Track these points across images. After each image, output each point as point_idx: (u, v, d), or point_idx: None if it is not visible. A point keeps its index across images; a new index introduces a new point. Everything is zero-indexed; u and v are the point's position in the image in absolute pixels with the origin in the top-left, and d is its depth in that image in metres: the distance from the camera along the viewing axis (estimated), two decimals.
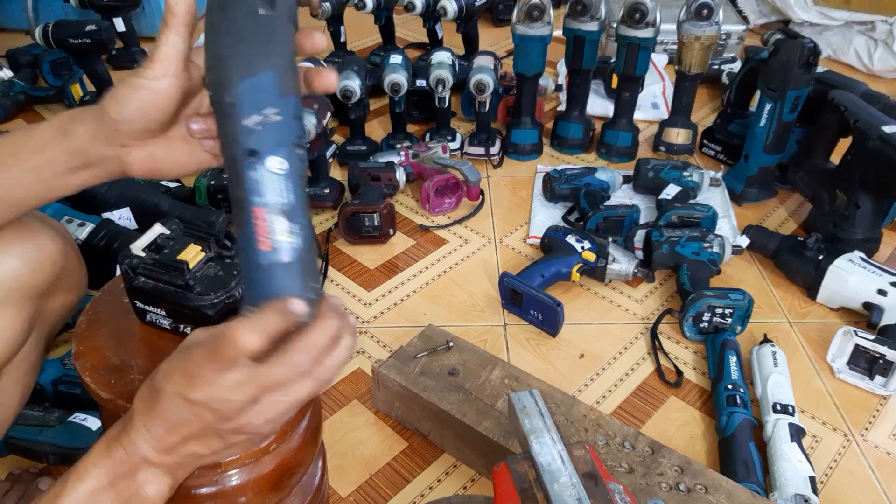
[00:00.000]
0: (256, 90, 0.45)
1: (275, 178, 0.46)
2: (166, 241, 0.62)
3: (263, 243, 0.46)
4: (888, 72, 1.89)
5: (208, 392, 0.45)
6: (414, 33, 2.16)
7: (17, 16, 2.17)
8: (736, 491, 0.82)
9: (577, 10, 1.45)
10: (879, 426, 1.00)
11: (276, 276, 0.46)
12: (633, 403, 1.04)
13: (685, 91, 1.53)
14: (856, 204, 1.22)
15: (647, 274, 1.20)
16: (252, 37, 0.46)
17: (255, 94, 0.45)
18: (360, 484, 0.93)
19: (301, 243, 0.47)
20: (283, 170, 0.46)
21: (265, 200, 0.46)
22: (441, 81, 1.48)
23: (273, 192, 0.46)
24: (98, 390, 0.58)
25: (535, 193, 1.47)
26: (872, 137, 1.16)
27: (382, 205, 1.29)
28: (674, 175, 1.38)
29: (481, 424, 0.89)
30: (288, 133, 0.46)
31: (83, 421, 0.94)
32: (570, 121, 1.59)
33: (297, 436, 0.69)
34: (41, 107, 1.83)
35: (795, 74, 1.26)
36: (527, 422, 0.66)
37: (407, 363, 0.98)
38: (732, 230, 1.34)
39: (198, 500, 0.65)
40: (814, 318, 1.18)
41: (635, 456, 0.85)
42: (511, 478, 0.61)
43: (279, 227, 0.46)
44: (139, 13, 2.09)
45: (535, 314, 1.14)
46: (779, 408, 0.96)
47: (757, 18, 2.16)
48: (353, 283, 1.26)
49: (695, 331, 1.13)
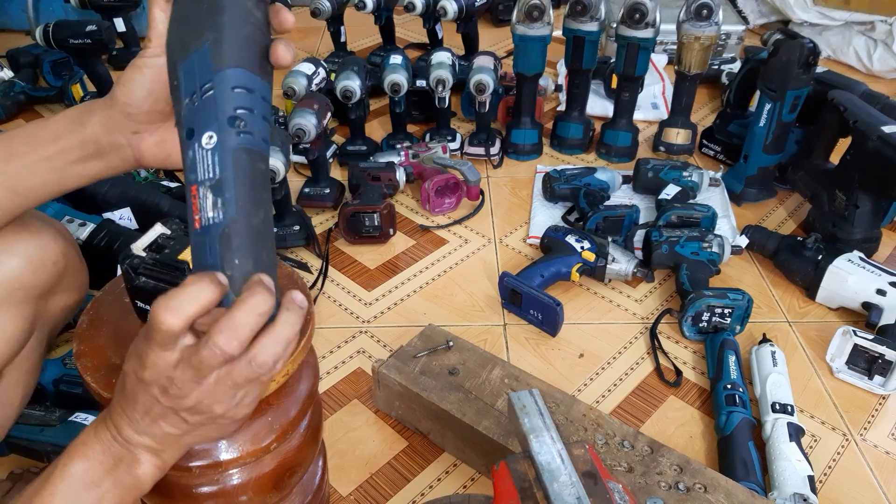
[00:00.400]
0: (190, 69, 0.46)
1: (205, 153, 0.46)
2: (167, 240, 0.62)
3: (195, 220, 0.46)
4: (888, 72, 1.89)
5: (152, 372, 0.46)
6: (414, 33, 2.17)
7: (18, 16, 2.17)
8: (735, 490, 0.82)
9: (577, 11, 1.45)
10: (878, 426, 1.01)
11: (201, 252, 0.46)
12: (632, 403, 1.04)
13: (685, 91, 1.53)
14: (855, 204, 1.22)
15: (646, 274, 1.21)
16: (190, 15, 0.47)
17: (189, 72, 0.46)
18: (361, 483, 0.93)
19: (223, 218, 0.46)
20: (212, 144, 0.46)
21: (197, 177, 0.46)
22: (441, 81, 1.48)
23: (202, 167, 0.46)
24: (99, 390, 0.58)
25: (534, 193, 1.47)
26: (872, 137, 1.16)
27: (382, 205, 1.30)
28: (673, 175, 1.38)
29: (481, 424, 0.89)
30: (222, 105, 0.46)
31: (84, 420, 0.94)
32: (570, 121, 1.59)
33: (298, 435, 0.69)
34: (41, 107, 1.83)
35: (795, 74, 1.26)
36: (526, 421, 0.66)
37: (407, 363, 0.98)
38: (732, 230, 1.34)
39: (199, 499, 0.66)
40: (813, 318, 1.18)
41: (634, 455, 0.86)
42: (511, 477, 0.62)
43: (208, 203, 0.46)
44: (139, 13, 2.09)
45: (535, 314, 1.15)
46: (778, 407, 0.96)
47: (756, 18, 2.16)
48: (354, 283, 1.26)
49: (694, 330, 1.13)
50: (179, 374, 0.46)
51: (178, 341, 0.46)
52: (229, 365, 0.46)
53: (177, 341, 0.45)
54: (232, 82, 0.46)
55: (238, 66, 0.47)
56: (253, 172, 0.47)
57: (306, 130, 1.26)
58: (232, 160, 0.46)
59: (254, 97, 0.48)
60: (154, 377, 0.47)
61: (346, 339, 1.15)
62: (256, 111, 0.48)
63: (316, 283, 1.25)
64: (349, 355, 1.12)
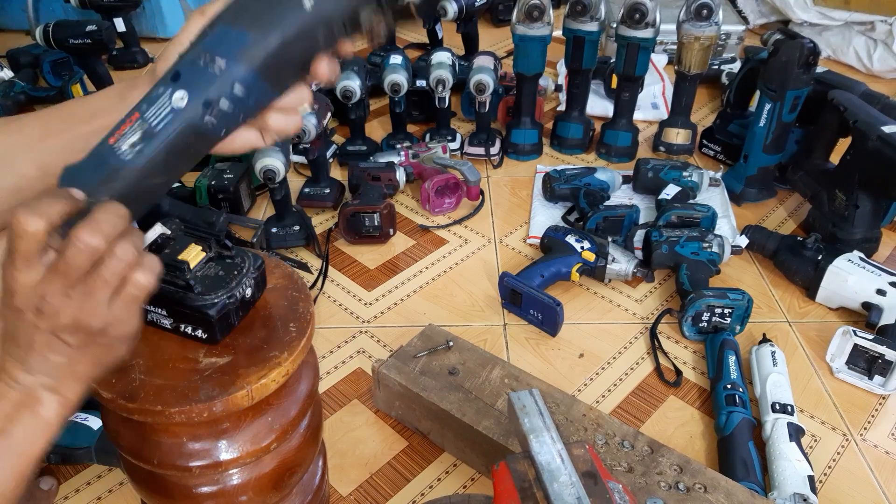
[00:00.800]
0: (224, 37, 0.46)
1: (167, 104, 0.47)
2: (167, 241, 0.62)
3: (112, 136, 0.47)
4: (888, 72, 1.89)
5: (22, 295, 0.46)
6: (414, 33, 2.17)
7: (18, 16, 2.17)
8: (735, 490, 0.82)
9: (577, 11, 1.45)
10: (878, 426, 1.01)
11: (92, 164, 0.48)
12: (632, 403, 1.04)
13: (685, 91, 1.53)
14: (855, 204, 1.22)
15: (646, 274, 1.21)
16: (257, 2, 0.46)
17: (220, 38, 0.46)
18: (361, 483, 0.93)
19: (127, 160, 0.47)
20: (178, 105, 0.46)
21: (144, 113, 0.47)
22: (441, 81, 1.48)
23: (155, 111, 0.47)
24: (99, 390, 0.58)
25: (534, 193, 1.47)
26: (872, 137, 1.16)
27: (382, 205, 1.30)
28: (673, 175, 1.38)
29: (481, 424, 0.89)
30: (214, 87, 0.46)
31: (84, 420, 0.94)
32: (570, 121, 1.59)
33: (298, 435, 0.69)
34: (41, 107, 1.83)
35: (795, 74, 1.26)
36: (526, 421, 0.66)
37: (407, 363, 0.98)
38: (732, 230, 1.34)
39: (199, 499, 0.66)
40: (813, 318, 1.18)
41: (634, 455, 0.86)
42: (511, 477, 0.62)
43: (131, 139, 0.47)
44: (139, 13, 2.09)
45: (535, 314, 1.15)
46: (778, 407, 0.96)
47: (756, 18, 2.16)
48: (354, 283, 1.26)
49: (694, 330, 1.13)
50: (48, 287, 0.46)
51: (41, 256, 0.46)
52: (97, 267, 0.46)
53: (39, 255, 0.46)
54: (239, 79, 0.47)
55: (258, 73, 0.47)
56: (186, 150, 0.48)
57: (306, 130, 1.26)
58: (178, 131, 0.47)
59: (246, 100, 0.48)
60: (24, 300, 0.47)
61: (346, 339, 1.15)
62: (237, 110, 0.48)
63: (316, 283, 1.25)
64: (349, 355, 1.12)
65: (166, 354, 0.61)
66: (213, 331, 0.60)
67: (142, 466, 0.63)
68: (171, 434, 0.61)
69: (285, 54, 0.47)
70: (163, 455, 0.61)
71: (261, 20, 0.46)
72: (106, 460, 0.93)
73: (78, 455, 0.92)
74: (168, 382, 0.58)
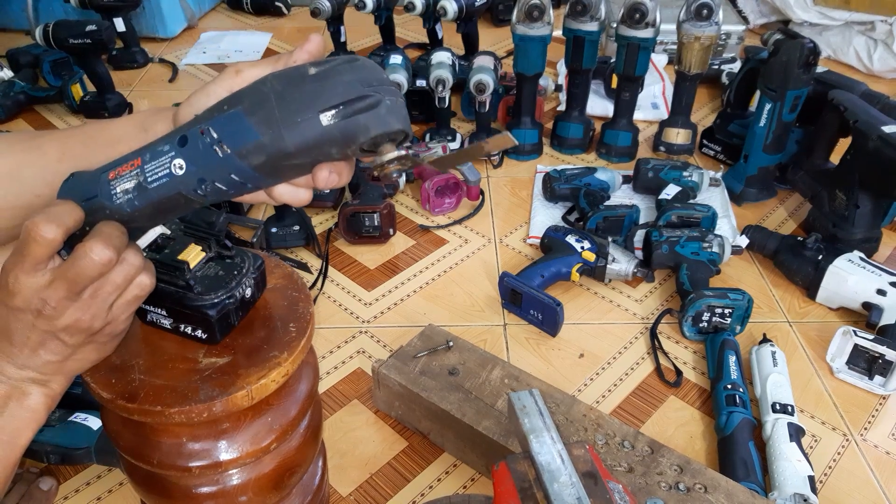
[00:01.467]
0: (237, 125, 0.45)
1: (165, 165, 0.48)
2: (167, 240, 0.62)
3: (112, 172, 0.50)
4: (888, 72, 1.89)
5: (24, 297, 0.48)
6: (414, 33, 2.17)
7: (18, 16, 2.17)
8: (735, 490, 0.82)
9: (577, 10, 1.45)
10: (878, 426, 1.01)
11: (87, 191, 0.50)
12: (632, 403, 1.04)
13: (685, 91, 1.53)
14: (855, 204, 1.22)
15: (646, 274, 1.21)
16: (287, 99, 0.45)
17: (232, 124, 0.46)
18: (361, 483, 0.93)
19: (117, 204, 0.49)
20: (175, 172, 0.48)
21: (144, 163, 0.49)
22: (441, 81, 1.48)
23: (153, 167, 0.48)
24: (99, 390, 0.58)
25: (534, 193, 1.47)
26: (872, 137, 1.16)
27: (382, 205, 1.30)
28: (673, 175, 1.38)
29: (481, 424, 0.89)
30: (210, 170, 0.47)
31: (84, 420, 0.94)
32: (570, 121, 1.59)
33: (298, 435, 0.69)
34: (41, 107, 1.83)
35: (795, 74, 1.26)
36: (526, 421, 0.66)
37: (407, 363, 0.98)
38: (732, 230, 1.34)
39: (199, 499, 0.66)
40: (813, 318, 1.18)
41: (635, 455, 0.86)
42: (511, 477, 0.62)
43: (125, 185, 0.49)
44: (139, 13, 2.09)
45: (535, 314, 1.15)
46: (778, 407, 0.96)
47: (757, 18, 2.16)
48: (354, 283, 1.26)
49: (694, 331, 1.13)
50: (52, 293, 0.47)
51: (49, 262, 0.47)
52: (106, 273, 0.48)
53: (48, 261, 0.47)
54: (236, 172, 0.47)
55: (257, 171, 0.47)
56: (174, 209, 0.50)
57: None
58: (169, 195, 0.49)
59: (241, 186, 0.48)
60: (26, 302, 0.48)
61: (346, 339, 1.15)
62: (231, 191, 0.48)
63: (316, 283, 1.25)
64: (349, 355, 1.12)
65: (166, 354, 0.61)
66: (212, 331, 0.60)
67: (142, 466, 0.63)
68: (171, 434, 0.61)
69: (290, 161, 0.47)
70: (163, 455, 0.61)
71: (274, 125, 0.45)
72: (106, 460, 0.93)
73: (78, 455, 0.92)
74: (168, 382, 0.58)
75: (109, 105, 1.74)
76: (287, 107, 0.44)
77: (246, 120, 0.45)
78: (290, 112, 0.44)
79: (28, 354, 0.51)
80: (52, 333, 0.50)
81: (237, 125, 0.46)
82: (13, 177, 0.58)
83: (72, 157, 0.58)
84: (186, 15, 2.24)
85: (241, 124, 0.45)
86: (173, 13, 2.18)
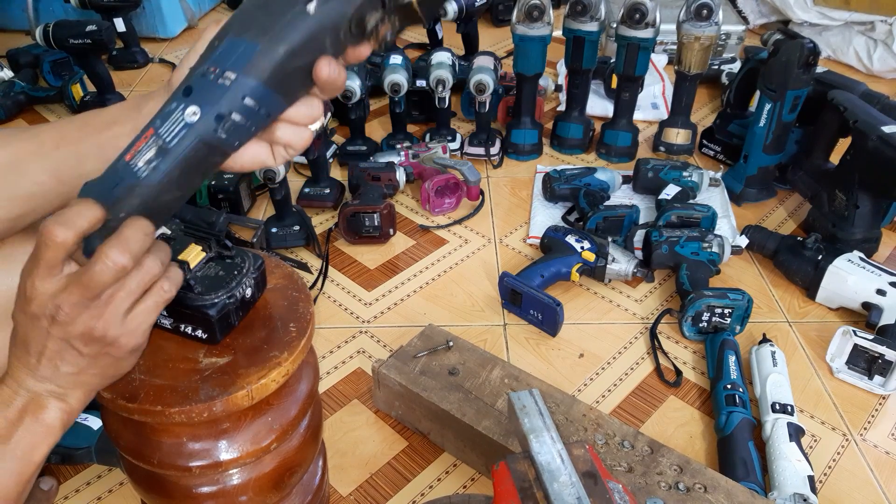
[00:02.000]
0: (233, 49, 0.46)
1: (180, 119, 0.47)
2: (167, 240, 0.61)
3: (129, 153, 0.48)
4: (888, 72, 1.89)
5: (39, 302, 0.47)
6: (414, 33, 2.17)
7: (18, 16, 2.17)
8: (735, 490, 0.82)
9: (577, 11, 1.45)
10: (878, 426, 1.01)
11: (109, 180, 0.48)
12: (632, 403, 1.04)
13: (685, 91, 1.53)
14: (855, 204, 1.22)
15: (646, 274, 1.21)
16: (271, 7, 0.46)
17: (229, 51, 0.46)
18: (361, 483, 0.93)
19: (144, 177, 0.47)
20: (191, 119, 0.47)
21: (159, 129, 0.47)
22: (441, 81, 1.48)
23: (169, 126, 0.47)
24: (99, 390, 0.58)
25: (534, 193, 1.47)
26: (872, 137, 1.16)
27: (383, 205, 1.30)
28: (673, 175, 1.38)
29: (481, 424, 0.89)
30: (224, 101, 0.46)
31: (84, 420, 0.94)
32: (570, 121, 1.59)
33: (298, 435, 0.69)
34: (41, 107, 1.83)
35: (795, 75, 1.26)
36: (526, 421, 0.66)
37: (407, 363, 0.98)
38: (732, 230, 1.34)
39: (199, 499, 0.66)
40: (813, 318, 1.18)
41: (634, 455, 0.86)
42: (511, 477, 0.62)
43: (147, 155, 0.47)
44: (139, 13, 2.09)
45: (535, 314, 1.15)
46: (778, 407, 0.96)
47: (756, 18, 2.16)
48: (354, 283, 1.26)
49: (694, 330, 1.13)
50: (66, 298, 0.47)
51: (64, 266, 0.47)
52: (121, 280, 0.47)
53: (62, 265, 0.47)
54: (249, 93, 0.47)
55: (267, 84, 0.47)
56: (200, 163, 0.49)
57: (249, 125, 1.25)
58: (192, 146, 0.47)
59: (257, 113, 0.48)
60: (41, 307, 0.47)
61: (346, 339, 1.15)
62: (248, 123, 0.48)
63: (316, 283, 1.25)
64: (349, 355, 1.12)
65: (166, 354, 0.61)
66: (213, 331, 0.61)
67: (142, 466, 0.64)
68: (171, 434, 0.61)
69: (293, 63, 0.47)
70: (163, 455, 0.61)
71: (267, 30, 0.46)
72: (106, 460, 0.93)
73: (78, 455, 0.92)
74: (168, 382, 0.58)
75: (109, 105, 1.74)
76: (274, 10, 0.46)
77: (240, 42, 0.46)
78: (278, 14, 0.46)
79: (46, 365, 0.50)
80: (66, 342, 0.49)
81: (234, 48, 0.47)
82: (12, 166, 0.58)
83: (68, 142, 0.57)
84: (186, 15, 2.24)
85: (237, 46, 0.46)
86: (173, 13, 2.18)
